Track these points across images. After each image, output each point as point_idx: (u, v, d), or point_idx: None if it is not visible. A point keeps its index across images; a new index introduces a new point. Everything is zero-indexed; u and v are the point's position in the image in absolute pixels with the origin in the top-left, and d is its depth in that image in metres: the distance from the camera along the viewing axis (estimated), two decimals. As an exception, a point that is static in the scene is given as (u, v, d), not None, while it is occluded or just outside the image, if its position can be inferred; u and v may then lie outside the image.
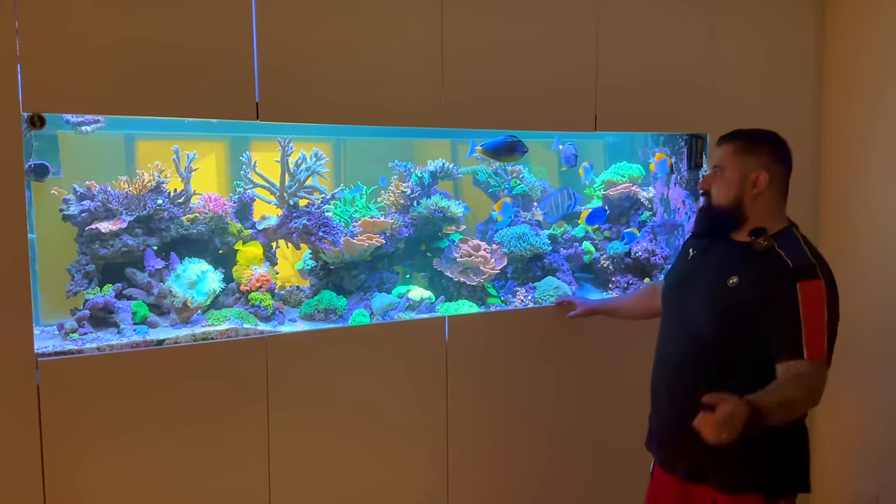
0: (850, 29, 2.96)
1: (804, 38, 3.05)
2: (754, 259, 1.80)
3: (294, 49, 2.15)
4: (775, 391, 1.63)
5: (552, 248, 2.90)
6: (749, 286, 1.77)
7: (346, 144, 2.90)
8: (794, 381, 1.65)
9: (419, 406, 2.40)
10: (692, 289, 1.91)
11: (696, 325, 1.86)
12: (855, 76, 2.95)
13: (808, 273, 1.71)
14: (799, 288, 1.69)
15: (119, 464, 1.99)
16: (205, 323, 2.24)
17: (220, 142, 2.73)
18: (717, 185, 1.88)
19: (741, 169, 1.84)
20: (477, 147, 2.58)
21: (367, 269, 2.65)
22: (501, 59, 2.44)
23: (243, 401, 2.14)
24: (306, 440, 2.23)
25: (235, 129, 2.66)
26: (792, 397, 1.63)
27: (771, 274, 1.74)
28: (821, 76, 3.07)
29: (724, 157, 1.88)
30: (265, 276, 2.39)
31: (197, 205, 2.42)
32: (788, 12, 3.00)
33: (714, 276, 1.85)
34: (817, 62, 3.07)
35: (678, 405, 1.89)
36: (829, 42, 3.04)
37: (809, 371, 1.65)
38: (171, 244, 2.38)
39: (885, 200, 2.85)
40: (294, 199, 2.45)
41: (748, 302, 1.76)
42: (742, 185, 1.84)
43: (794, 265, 1.73)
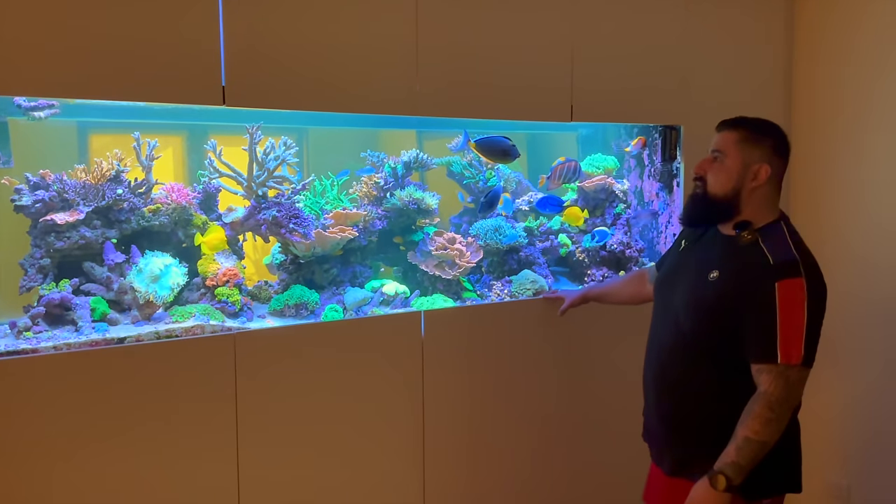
0: (819, 21, 2.97)
1: (774, 31, 3.05)
2: (737, 253, 1.74)
3: (263, 32, 2.05)
4: (731, 442, 1.64)
5: (528, 240, 2.84)
6: (728, 282, 1.71)
7: (309, 136, 2.80)
8: (753, 412, 1.63)
9: (394, 404, 2.32)
10: (678, 281, 1.87)
11: (678, 318, 1.81)
12: (823, 68, 2.96)
13: (789, 271, 1.64)
14: (777, 287, 1.63)
15: (78, 467, 1.87)
16: (168, 320, 2.13)
17: (181, 132, 2.61)
18: (715, 172, 1.78)
19: (744, 159, 1.76)
20: (470, 141, 2.47)
21: (340, 262, 2.56)
22: (477, 47, 2.38)
23: (211, 401, 2.03)
24: (277, 441, 2.13)
25: (198, 118, 2.53)
26: (745, 436, 1.62)
27: (750, 270, 1.68)
28: (790, 68, 3.08)
29: (727, 144, 1.78)
30: (232, 270, 2.28)
31: (159, 195, 2.30)
32: (759, 4, 2.99)
33: (696, 270, 1.80)
34: (787, 53, 3.08)
35: (661, 399, 1.87)
36: (798, 34, 3.05)
37: (776, 381, 1.62)
38: (131, 237, 2.25)
39: (851, 193, 2.87)
40: (263, 189, 2.35)
41: (726, 297, 1.70)
42: (743, 177, 1.76)
43: (774, 262, 1.66)
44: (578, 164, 2.70)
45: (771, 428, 1.61)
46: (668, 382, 1.84)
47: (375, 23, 2.20)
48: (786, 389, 1.61)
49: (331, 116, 2.55)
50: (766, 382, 1.62)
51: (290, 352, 2.15)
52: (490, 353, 2.48)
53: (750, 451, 1.61)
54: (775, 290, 1.62)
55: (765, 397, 1.62)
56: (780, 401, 1.61)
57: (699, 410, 1.77)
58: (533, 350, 2.56)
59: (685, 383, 1.79)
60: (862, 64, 2.82)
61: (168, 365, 1.98)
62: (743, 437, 1.62)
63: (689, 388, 1.79)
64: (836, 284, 2.52)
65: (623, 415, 2.66)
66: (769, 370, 1.62)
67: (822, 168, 2.97)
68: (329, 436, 2.22)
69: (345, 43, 2.16)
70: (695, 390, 1.78)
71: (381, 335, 2.30)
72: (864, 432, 2.90)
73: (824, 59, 2.96)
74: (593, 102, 2.61)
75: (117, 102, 2.04)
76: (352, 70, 2.18)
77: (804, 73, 3.04)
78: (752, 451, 1.61)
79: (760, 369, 1.64)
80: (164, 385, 1.97)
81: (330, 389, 2.21)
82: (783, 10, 3.06)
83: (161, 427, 1.97)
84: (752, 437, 1.61)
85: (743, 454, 1.61)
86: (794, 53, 3.07)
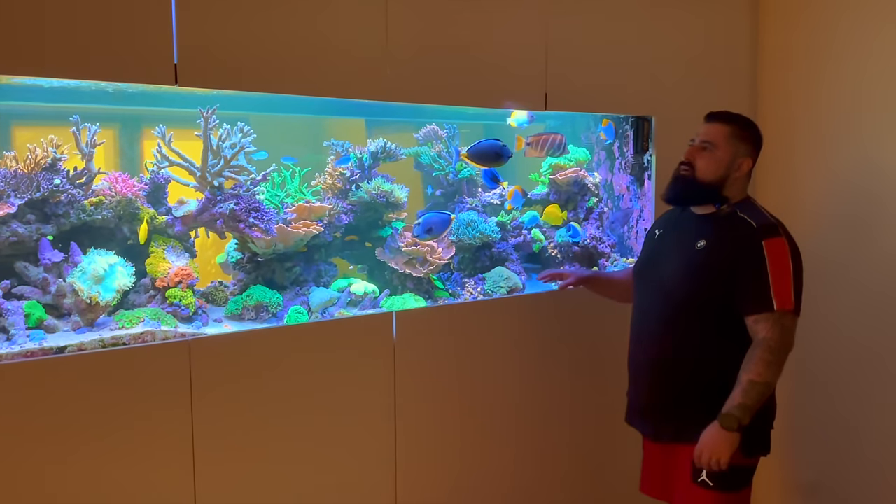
0: (783, 13, 2.95)
1: (741, 25, 3.02)
2: (719, 223, 1.94)
3: (218, 8, 1.84)
4: (736, 387, 1.80)
5: (501, 235, 2.70)
6: (717, 247, 1.90)
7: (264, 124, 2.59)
8: (755, 357, 1.80)
9: (365, 411, 2.14)
10: (663, 261, 2.02)
11: (670, 293, 1.96)
12: (788, 59, 2.95)
13: (771, 231, 1.85)
14: (764, 245, 1.83)
15: (10, 493, 1.63)
16: (114, 326, 1.89)
17: (126, 118, 2.36)
18: (706, 160, 1.95)
19: (734, 152, 1.95)
20: (462, 153, 2.45)
21: (303, 260, 2.36)
22: (449, 30, 2.23)
23: (164, 415, 1.82)
24: (237, 457, 1.93)
25: (145, 102, 2.29)
26: (749, 380, 1.79)
27: (737, 235, 1.88)
28: (755, 62, 3.06)
29: (718, 136, 1.95)
30: (185, 269, 2.06)
31: (101, 186, 2.06)
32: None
33: (681, 245, 1.98)
34: (752, 47, 3.05)
35: (659, 373, 1.98)
36: (764, 24, 3.03)
37: (774, 326, 1.80)
38: (71, 233, 2.00)
39: (814, 187, 2.86)
40: (218, 180, 2.13)
41: (717, 261, 1.88)
42: (730, 167, 1.95)
43: (757, 225, 1.87)
44: (565, 140, 2.56)
45: (772, 370, 1.80)
46: (666, 353, 1.96)
47: (344, 3, 2.02)
48: (782, 334, 1.80)
49: (285, 104, 2.35)
50: (765, 330, 1.80)
51: (251, 359, 1.95)
52: (465, 354, 2.34)
53: (755, 393, 1.78)
54: (763, 248, 1.82)
55: (765, 342, 1.80)
56: (779, 344, 1.80)
57: (697, 374, 1.92)
58: (509, 351, 2.43)
59: (683, 351, 1.94)
60: (826, 54, 2.82)
61: (115, 377, 1.76)
62: (747, 381, 1.79)
63: (686, 355, 1.94)
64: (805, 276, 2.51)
65: (602, 413, 2.59)
66: (766, 318, 1.81)
67: (786, 156, 2.95)
68: (294, 448, 2.03)
69: (310, 20, 1.98)
70: (692, 356, 1.93)
71: (350, 338, 2.12)
72: (831, 427, 2.86)
73: (789, 50, 2.94)
74: (567, 91, 2.51)
75: (51, 82, 1.81)
76: (318, 50, 2.00)
77: (771, 63, 3.02)
78: (757, 393, 1.78)
79: (757, 319, 1.82)
80: (111, 399, 1.75)
81: (295, 398, 2.02)
82: (749, 4, 3.03)
83: (108, 447, 1.74)
84: (756, 379, 1.78)
85: (749, 396, 1.78)
86: (760, 42, 3.05)
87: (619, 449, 2.58)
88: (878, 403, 2.67)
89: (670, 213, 2.17)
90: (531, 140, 2.52)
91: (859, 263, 2.71)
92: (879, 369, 2.66)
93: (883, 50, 2.60)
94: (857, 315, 2.73)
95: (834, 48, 2.78)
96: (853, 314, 2.74)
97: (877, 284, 2.66)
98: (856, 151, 2.71)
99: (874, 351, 2.68)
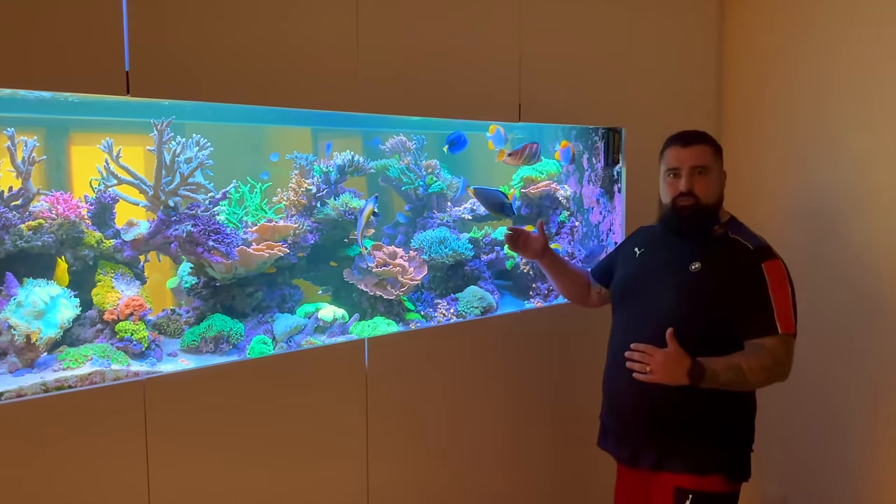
0: (746, 26, 3.01)
1: (706, 37, 3.03)
2: (712, 245, 1.90)
3: (176, 8, 1.66)
4: (726, 357, 1.77)
5: (474, 253, 2.57)
6: (714, 270, 1.86)
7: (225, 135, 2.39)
8: (750, 352, 1.78)
9: (336, 445, 1.99)
10: (653, 281, 1.95)
11: (663, 313, 1.88)
12: (748, 70, 3.00)
13: (768, 254, 1.84)
14: (764, 268, 1.81)
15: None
16: (57, 366, 1.68)
17: (70, 130, 2.13)
18: (705, 184, 1.90)
19: (720, 169, 1.95)
20: (468, 188, 2.56)
21: (265, 284, 2.17)
22: (422, 42, 2.11)
23: (117, 464, 1.62)
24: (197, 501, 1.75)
25: (90, 112, 2.07)
26: (738, 363, 1.75)
27: (735, 257, 1.85)
28: (720, 75, 3.09)
29: (707, 158, 1.91)
30: (137, 300, 1.85)
31: (40, 208, 1.84)
32: (692, 13, 2.96)
33: (674, 266, 1.92)
34: (717, 61, 3.08)
35: (645, 396, 1.87)
36: (727, 39, 3.07)
37: (780, 345, 1.77)
38: (6, 261, 1.78)
39: (778, 194, 2.90)
40: (174, 199, 1.93)
41: (715, 284, 1.84)
42: (722, 185, 1.96)
43: (754, 247, 1.85)
44: (539, 148, 2.49)
45: (761, 376, 1.77)
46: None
47: (311, 8, 1.86)
48: (786, 354, 1.79)
49: (244, 113, 2.16)
50: (771, 345, 1.77)
51: (212, 397, 1.77)
52: (440, 380, 2.21)
53: (733, 375, 1.76)
54: (763, 271, 1.80)
55: (771, 352, 1.77)
56: (780, 361, 1.78)
57: (685, 400, 1.83)
58: (486, 375, 2.31)
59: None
60: (784, 64, 2.87)
61: (60, 424, 1.55)
62: (735, 364, 1.76)
63: None
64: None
65: (582, 431, 2.48)
66: (771, 340, 1.78)
67: (749, 165, 2.97)
68: (260, 493, 1.85)
69: (274, 28, 1.81)
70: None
71: (319, 369, 1.95)
72: (799, 440, 2.85)
73: (749, 62, 2.99)
74: (540, 103, 2.42)
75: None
76: (283, 59, 1.83)
77: (732, 76, 3.07)
78: (735, 378, 1.76)
79: (763, 342, 1.78)
80: (56, 450, 1.54)
81: (260, 438, 1.84)
82: (714, 13, 3.05)
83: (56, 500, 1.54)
84: (743, 367, 1.75)
85: (727, 373, 1.75)
86: (724, 56, 3.08)
87: (595, 473, 2.49)
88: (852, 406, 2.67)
89: (647, 231, 2.10)
90: (512, 153, 2.42)
91: (828, 260, 2.74)
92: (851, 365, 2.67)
93: (849, 56, 2.64)
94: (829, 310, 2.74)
95: (798, 55, 2.82)
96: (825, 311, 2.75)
97: (845, 282, 2.68)
98: (822, 155, 2.75)
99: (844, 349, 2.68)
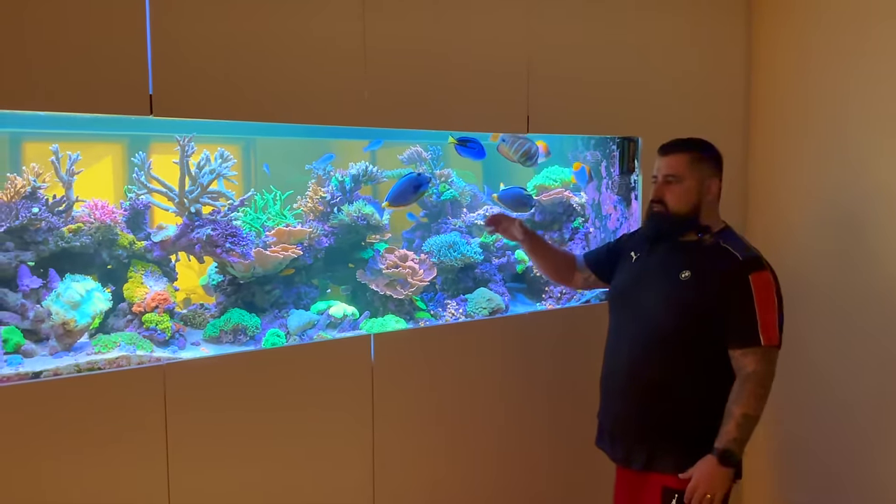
0: (778, 32, 2.93)
1: (732, 39, 2.99)
2: (702, 254, 1.95)
3: (194, 35, 1.87)
4: (727, 422, 1.84)
5: (484, 256, 2.71)
6: (702, 279, 1.90)
7: (256, 146, 2.63)
8: (737, 391, 1.85)
9: (343, 435, 2.16)
10: (644, 288, 2.01)
11: (652, 320, 1.95)
12: (782, 79, 2.91)
13: (757, 265, 1.88)
14: (751, 279, 1.85)
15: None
16: (90, 350, 1.93)
17: (112, 142, 2.41)
18: (675, 193, 1.96)
19: (700, 177, 1.96)
20: (493, 195, 2.73)
21: (283, 283, 2.39)
22: (429, 55, 2.23)
23: (138, 439, 1.84)
24: (211, 481, 1.95)
25: (130, 127, 2.34)
26: (741, 414, 1.83)
27: (723, 268, 1.89)
28: (749, 74, 3.03)
29: (680, 167, 1.96)
30: (162, 294, 2.09)
31: (81, 213, 2.10)
32: (717, 16, 2.93)
33: (665, 273, 1.97)
34: (745, 60, 3.02)
35: (636, 399, 1.98)
36: (756, 41, 3.00)
37: (760, 363, 1.84)
38: (49, 259, 2.05)
39: (809, 200, 2.84)
40: (196, 205, 2.16)
41: (702, 294, 1.89)
42: (700, 193, 1.97)
43: (742, 259, 1.88)
44: (538, 151, 2.58)
45: (762, 403, 1.85)
46: (644, 380, 1.96)
47: (318, 27, 2.05)
48: (768, 368, 1.85)
49: (280, 126, 2.38)
50: (753, 363, 1.84)
51: (227, 383, 1.97)
52: (444, 376, 2.34)
53: (748, 426, 1.83)
54: (750, 283, 1.85)
55: (755, 376, 1.84)
56: (767, 378, 1.85)
57: (674, 403, 1.93)
58: (489, 373, 2.43)
59: (661, 379, 1.94)
60: (819, 69, 2.78)
61: (89, 401, 1.78)
62: (741, 415, 1.82)
63: (664, 382, 1.93)
64: (799, 286, 2.55)
65: (585, 431, 2.57)
66: (753, 352, 1.84)
67: (780, 173, 2.94)
68: (269, 473, 2.04)
69: (286, 49, 2.00)
70: (670, 384, 1.93)
71: (326, 361, 2.13)
72: (823, 447, 2.84)
73: (782, 65, 2.91)
74: (550, 114, 2.50)
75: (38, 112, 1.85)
76: (294, 78, 2.02)
77: (762, 81, 2.99)
78: (749, 426, 1.83)
79: (745, 353, 1.85)
80: (86, 424, 1.77)
81: (270, 422, 2.03)
82: (741, 18, 3.00)
83: (81, 471, 1.77)
84: (749, 413, 1.83)
85: (743, 430, 1.83)
86: (753, 60, 3.02)
87: (599, 473, 2.57)
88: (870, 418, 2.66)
89: (644, 236, 2.16)
90: (506, 137, 2.51)
91: (857, 267, 2.68)
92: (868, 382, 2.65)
93: (884, 56, 2.55)
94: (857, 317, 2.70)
95: (832, 55, 2.72)
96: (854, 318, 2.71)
97: (873, 301, 2.62)
98: (849, 165, 2.68)
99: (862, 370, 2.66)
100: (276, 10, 1.97)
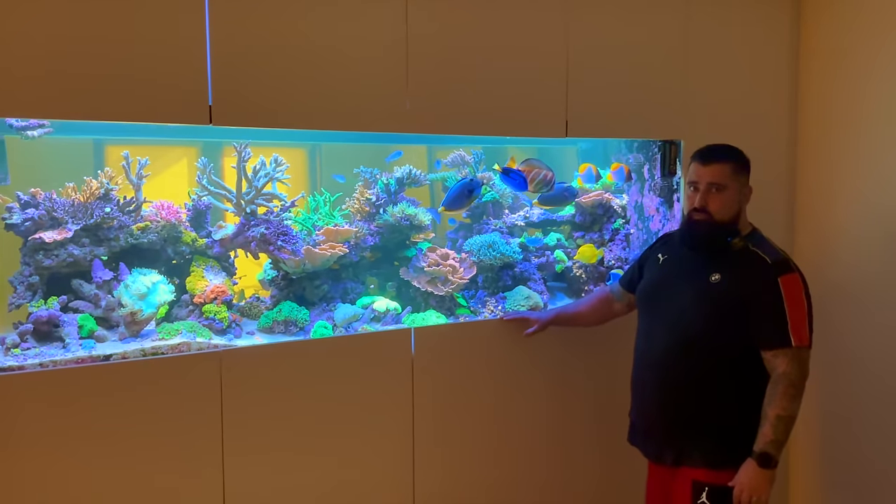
0: (827, 34, 2.91)
1: (778, 40, 2.98)
2: (732, 257, 2.00)
3: (249, 50, 2.05)
4: (763, 424, 1.89)
5: (523, 256, 2.82)
6: (732, 282, 1.97)
7: (321, 150, 2.82)
8: (771, 393, 1.90)
9: (384, 423, 2.31)
10: (674, 289, 2.08)
11: (683, 321, 2.02)
12: (831, 81, 2.89)
13: (786, 268, 1.94)
14: (781, 282, 1.91)
15: (60, 486, 1.88)
16: (155, 337, 2.14)
17: (185, 147, 2.64)
18: (719, 202, 2.00)
19: (739, 186, 2.03)
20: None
21: (331, 279, 2.55)
22: (468, 63, 2.35)
23: (196, 419, 2.03)
24: (262, 461, 2.13)
25: (196, 134, 2.56)
26: (774, 415, 1.88)
27: (753, 270, 1.95)
28: (796, 81, 3.01)
29: (724, 176, 2.00)
30: (220, 287, 2.28)
31: (148, 213, 2.32)
32: (764, 15, 2.93)
33: (695, 275, 2.04)
34: (792, 67, 3.00)
35: (667, 398, 2.05)
36: (805, 48, 2.99)
37: (792, 363, 1.89)
38: (120, 254, 2.27)
39: (858, 205, 2.81)
40: (252, 206, 2.35)
41: (733, 296, 1.95)
42: (740, 200, 2.04)
43: (772, 261, 1.94)
44: (553, 177, 2.62)
45: (796, 403, 1.90)
46: (673, 381, 2.04)
47: (364, 41, 2.19)
48: (801, 368, 1.90)
49: (338, 132, 2.54)
50: (784, 364, 1.90)
51: (277, 369, 2.14)
52: (481, 370, 2.46)
53: (783, 427, 1.88)
54: (780, 285, 1.90)
55: (786, 377, 1.89)
56: (799, 378, 1.90)
57: (703, 403, 2.00)
58: (525, 367, 2.53)
59: (690, 379, 2.01)
60: (869, 68, 2.74)
61: (153, 382, 1.98)
62: (775, 416, 1.88)
63: (692, 383, 2.00)
64: (844, 292, 2.56)
65: (618, 428, 2.63)
66: (784, 353, 1.90)
67: (827, 179, 2.92)
68: (316, 457, 2.21)
69: (333, 60, 2.16)
70: (698, 385, 2.00)
71: (370, 352, 2.28)
72: (864, 453, 2.82)
73: (830, 65, 2.88)
74: (589, 118, 2.56)
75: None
76: (341, 88, 2.17)
77: (811, 83, 2.97)
78: (784, 426, 1.88)
79: (776, 354, 1.91)
80: (149, 403, 1.97)
81: (317, 409, 2.20)
82: (788, 18, 2.98)
83: (145, 446, 1.97)
84: (782, 414, 1.88)
85: (779, 431, 1.88)
86: (801, 62, 3.00)
87: (633, 468, 2.63)
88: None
89: (671, 238, 2.23)
90: (523, 169, 2.57)
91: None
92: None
93: None
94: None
95: (881, 60, 2.69)
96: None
97: None
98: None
99: None
100: (326, 28, 2.13)
